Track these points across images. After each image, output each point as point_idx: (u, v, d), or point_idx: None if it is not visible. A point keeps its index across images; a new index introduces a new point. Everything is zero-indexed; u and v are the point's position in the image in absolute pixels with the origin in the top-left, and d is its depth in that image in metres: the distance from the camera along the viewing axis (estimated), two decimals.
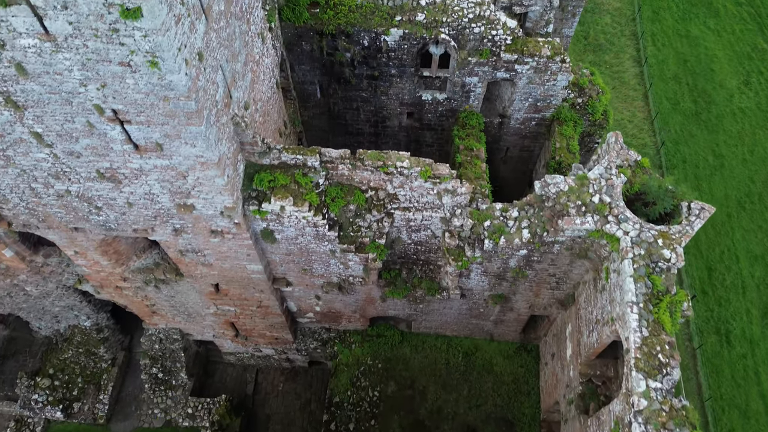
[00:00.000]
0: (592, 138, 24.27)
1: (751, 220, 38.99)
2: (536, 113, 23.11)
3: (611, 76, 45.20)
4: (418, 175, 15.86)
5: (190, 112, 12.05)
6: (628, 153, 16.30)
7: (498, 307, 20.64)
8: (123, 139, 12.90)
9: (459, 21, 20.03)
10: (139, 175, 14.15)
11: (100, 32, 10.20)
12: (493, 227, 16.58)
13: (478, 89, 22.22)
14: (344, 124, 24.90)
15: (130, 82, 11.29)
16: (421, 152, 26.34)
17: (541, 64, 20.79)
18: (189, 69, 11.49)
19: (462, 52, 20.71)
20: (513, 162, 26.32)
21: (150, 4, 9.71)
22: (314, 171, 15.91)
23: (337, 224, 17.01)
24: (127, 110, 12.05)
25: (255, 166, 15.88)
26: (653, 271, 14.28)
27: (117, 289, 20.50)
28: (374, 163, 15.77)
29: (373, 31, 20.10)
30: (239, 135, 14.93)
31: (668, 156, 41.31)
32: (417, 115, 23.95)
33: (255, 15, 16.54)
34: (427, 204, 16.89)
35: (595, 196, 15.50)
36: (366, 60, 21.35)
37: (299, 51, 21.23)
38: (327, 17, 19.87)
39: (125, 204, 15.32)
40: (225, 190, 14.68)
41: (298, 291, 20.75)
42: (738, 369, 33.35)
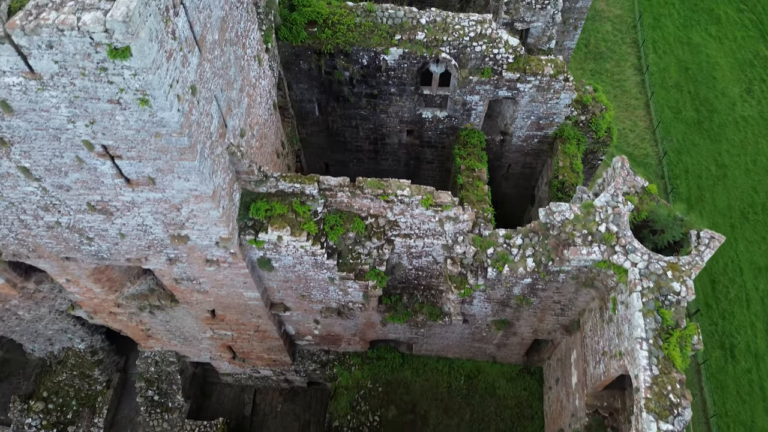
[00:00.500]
0: (595, 155, 23.84)
1: (755, 231, 38.58)
2: (538, 131, 22.68)
3: (612, 84, 44.81)
4: (419, 203, 15.41)
5: (183, 147, 11.60)
6: (635, 179, 15.86)
7: (501, 332, 20.21)
8: (114, 174, 12.46)
9: (460, 40, 19.59)
10: (131, 207, 13.70)
11: (88, 71, 9.75)
12: (497, 255, 16.13)
13: (479, 107, 21.78)
14: (343, 141, 24.46)
15: (120, 119, 10.84)
16: (421, 169, 25.92)
17: (544, 83, 20.36)
18: (181, 104, 11.03)
19: (463, 70, 20.27)
20: (515, 178, 25.89)
21: (139, 43, 9.27)
22: (312, 199, 15.46)
23: (336, 252, 16.56)
24: (118, 146, 11.60)
25: (251, 194, 15.42)
26: (662, 305, 13.84)
27: (111, 315, 20.03)
28: (374, 191, 15.32)
29: (373, 50, 19.65)
30: (235, 164, 14.48)
31: (671, 166, 40.90)
32: (417, 132, 23.51)
33: (251, 38, 16.10)
34: (428, 231, 16.45)
35: (601, 225, 15.05)
36: (365, 79, 20.91)
37: (297, 70, 20.78)
38: (325, 36, 19.42)
39: (117, 235, 14.86)
40: (220, 222, 14.23)
41: (296, 315, 20.29)
42: (743, 384, 32.92)
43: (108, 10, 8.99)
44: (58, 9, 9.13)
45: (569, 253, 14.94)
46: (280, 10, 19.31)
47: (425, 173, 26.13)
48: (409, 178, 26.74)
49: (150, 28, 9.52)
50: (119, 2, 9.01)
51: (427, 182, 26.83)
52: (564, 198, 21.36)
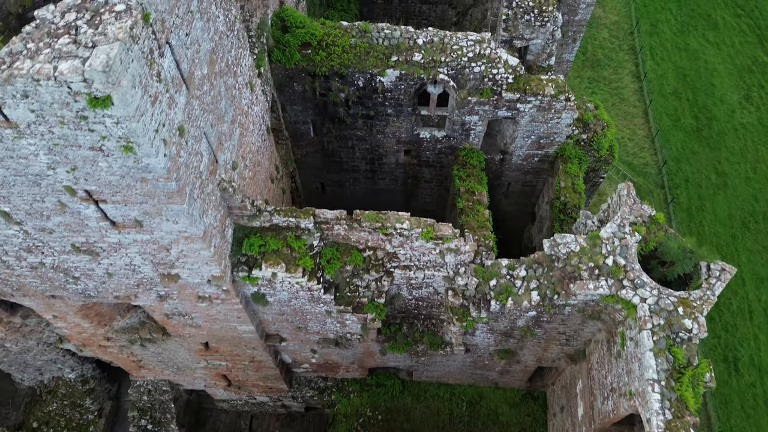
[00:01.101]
0: (597, 173, 23.32)
1: (756, 241, 38.15)
2: (539, 150, 22.15)
3: (610, 92, 44.36)
4: (419, 236, 14.84)
5: (171, 192, 11.00)
6: (642, 207, 15.32)
7: (504, 361, 19.65)
8: (98, 217, 11.84)
9: (458, 60, 19.03)
10: (117, 248, 13.08)
11: (67, 119, 9.15)
12: (500, 287, 15.57)
13: (478, 127, 21.23)
14: (339, 162, 23.87)
15: (103, 165, 10.23)
16: (419, 188, 25.36)
17: (545, 103, 19.83)
18: (168, 149, 10.43)
19: (462, 91, 19.72)
20: (515, 196, 25.35)
21: (121, 91, 8.66)
22: (308, 233, 14.87)
23: (333, 286, 15.97)
24: (101, 191, 10.99)
25: (244, 229, 14.82)
26: (674, 343, 13.31)
27: (101, 348, 19.38)
28: (372, 224, 14.75)
29: (368, 72, 19.08)
30: (227, 200, 13.88)
31: (670, 175, 40.46)
32: (415, 152, 22.95)
33: (242, 65, 15.50)
34: (428, 262, 15.88)
35: (608, 257, 14.51)
36: (361, 100, 20.33)
37: (291, 92, 20.19)
38: (319, 59, 18.83)
39: (105, 274, 14.23)
40: (212, 261, 13.62)
41: (292, 346, 19.69)
42: (747, 398, 32.47)
43: (86, 58, 8.39)
44: (33, 57, 8.53)
45: (576, 287, 14.39)
46: (273, 32, 18.72)
47: (423, 192, 25.57)
48: (406, 197, 26.29)
49: (133, 75, 8.93)
50: (99, 49, 8.42)
51: (425, 201, 26.31)
52: (566, 219, 20.84)
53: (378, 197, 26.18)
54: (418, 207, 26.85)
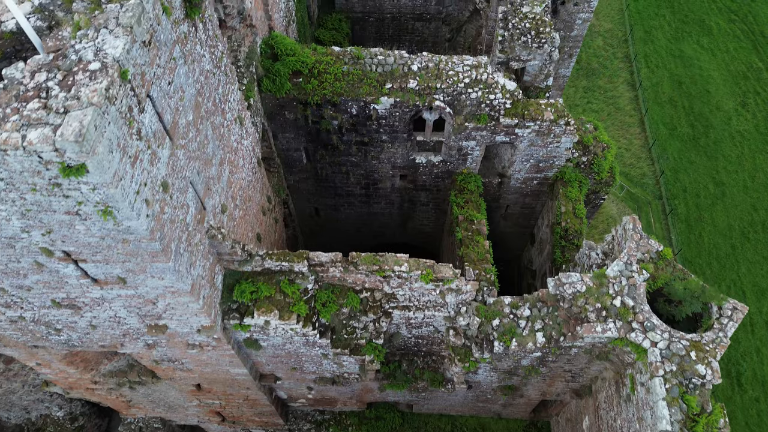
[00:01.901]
0: (598, 195, 22.77)
1: (756, 251, 37.73)
2: (538, 173, 21.58)
3: (605, 102, 43.91)
4: (419, 278, 14.21)
5: (155, 251, 10.33)
6: (648, 242, 14.75)
7: (507, 396, 19.04)
8: (78, 275, 11.15)
9: (454, 87, 18.44)
10: (101, 302, 12.39)
11: (39, 186, 8.47)
12: (503, 327, 14.96)
13: (476, 152, 20.65)
14: (333, 187, 23.22)
15: (81, 228, 9.56)
16: (415, 211, 24.75)
17: (544, 128, 19.27)
18: (151, 208, 9.76)
19: (458, 117, 19.13)
20: (513, 218, 24.77)
21: (97, 159, 8.00)
22: (302, 277, 14.21)
23: (329, 329, 15.31)
24: (80, 251, 10.31)
25: (235, 274, 14.15)
26: (687, 390, 12.73)
27: (88, 390, 18.65)
28: (369, 267, 14.10)
29: (362, 100, 18.45)
30: (216, 247, 13.20)
31: (668, 185, 40.01)
32: (411, 177, 22.34)
33: (231, 101, 14.84)
34: (428, 302, 15.25)
35: (616, 298, 13.93)
36: (355, 127, 19.71)
37: (282, 120, 19.54)
38: (311, 87, 18.19)
39: (88, 326, 13.53)
40: (201, 312, 12.95)
41: (288, 384, 19.02)
42: (752, 414, 32.00)
43: (58, 125, 7.72)
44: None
45: (582, 330, 13.80)
46: (262, 60, 18.06)
47: (420, 215, 24.97)
48: (403, 220, 25.67)
49: (109, 139, 8.26)
50: (71, 116, 7.76)
51: (422, 223, 25.70)
52: (568, 246, 20.27)
53: (374, 220, 25.58)
54: (415, 229, 26.28)
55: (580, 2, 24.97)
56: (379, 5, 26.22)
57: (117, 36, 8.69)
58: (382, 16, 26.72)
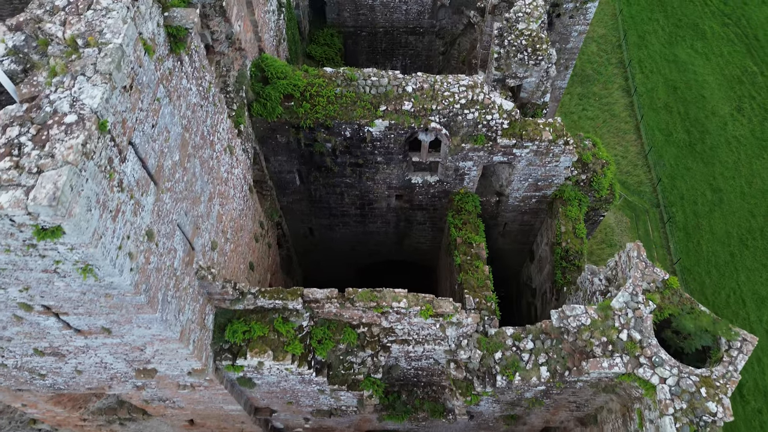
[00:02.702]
0: (597, 212, 22.34)
1: (755, 259, 37.44)
2: (537, 192, 21.14)
3: (601, 108, 43.56)
4: (418, 313, 13.71)
5: (140, 304, 9.79)
6: (654, 271, 14.31)
7: (509, 426, 18.58)
8: (60, 326, 10.60)
9: (450, 108, 17.98)
10: (86, 350, 11.85)
11: (13, 247, 7.93)
12: (506, 360, 14.48)
13: (473, 172, 20.19)
14: (327, 207, 22.71)
15: (60, 285, 9.01)
16: (412, 230, 24.26)
17: (542, 148, 18.83)
18: (135, 261, 9.22)
19: (455, 138, 18.66)
20: (512, 235, 24.32)
21: (74, 221, 7.46)
22: (296, 314, 13.69)
23: (326, 365, 14.79)
24: (61, 305, 9.76)
25: (227, 312, 13.61)
26: (698, 429, 12.30)
27: (77, 427, 18.05)
28: (366, 304, 13.59)
29: (356, 123, 17.96)
30: (206, 287, 12.67)
31: (665, 193, 39.69)
32: (407, 196, 21.85)
33: (220, 131, 14.31)
34: (428, 336, 14.76)
35: (622, 331, 13.47)
36: (349, 149, 19.21)
37: (274, 143, 19.02)
38: (303, 111, 17.67)
39: (74, 371, 12.97)
40: (191, 357, 12.41)
41: (284, 416, 18.48)
42: (754, 426, 31.66)
43: (31, 187, 7.19)
44: None
45: (588, 365, 13.34)
46: (252, 84, 17.53)
47: (417, 233, 24.49)
48: (399, 238, 25.17)
49: (87, 197, 7.73)
50: (45, 177, 7.22)
51: (418, 241, 25.21)
52: (569, 267, 19.82)
53: (369, 238, 25.09)
54: (412, 246, 25.80)
55: (575, 15, 24.54)
56: (371, 19, 25.73)
57: (95, 84, 8.16)
58: (375, 30, 26.24)
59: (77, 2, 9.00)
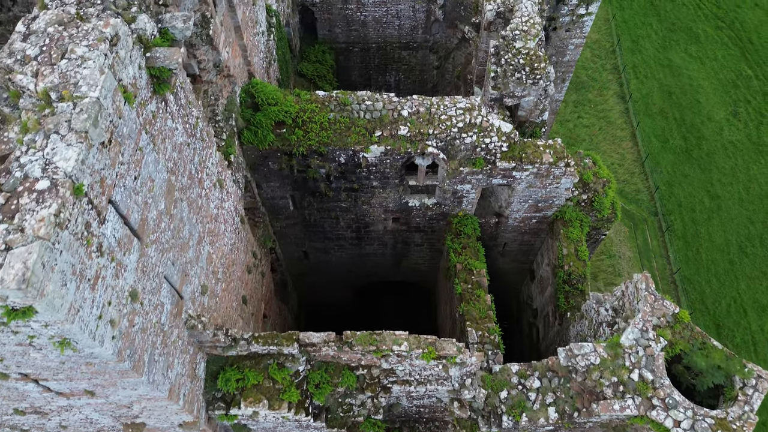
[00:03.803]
0: (599, 231, 21.81)
1: (755, 267, 37.09)
2: (537, 212, 20.59)
3: (596, 116, 43.13)
4: (420, 356, 13.10)
5: (124, 370, 9.13)
6: (664, 304, 13.77)
7: None
8: (40, 390, 9.92)
9: (447, 132, 17.40)
10: (69, 408, 11.16)
11: None
12: (512, 400, 13.91)
13: (471, 195, 19.62)
14: (322, 231, 22.08)
15: (37, 356, 8.35)
16: (410, 252, 23.67)
17: (543, 170, 18.28)
18: (117, 328, 8.57)
19: (452, 162, 18.07)
20: (512, 254, 23.76)
21: (46, 300, 6.80)
22: (292, 359, 13.06)
23: (324, 409, 14.15)
24: (39, 373, 9.09)
25: (219, 359, 12.96)
26: None
27: None
28: (365, 347, 12.97)
29: (351, 149, 17.34)
30: (197, 336, 12.01)
31: (663, 201, 39.29)
32: (404, 219, 21.25)
33: (209, 165, 13.66)
34: (431, 376, 14.15)
35: (633, 371, 12.92)
36: (344, 174, 18.59)
37: (266, 170, 18.37)
38: (296, 138, 17.04)
39: (58, 426, 12.27)
40: (182, 411, 11.75)
41: None
42: None
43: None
44: None
45: (599, 408, 12.78)
46: (242, 110, 16.88)
47: (414, 255, 23.89)
48: (396, 260, 24.57)
49: (62, 271, 7.07)
50: (13, 255, 6.56)
51: (416, 262, 24.63)
52: (572, 291, 19.28)
53: (366, 260, 24.47)
54: (410, 268, 25.20)
55: (572, 28, 24.06)
56: (363, 35, 25.13)
57: (69, 144, 7.51)
58: (368, 46, 25.64)
59: (50, 51, 8.35)
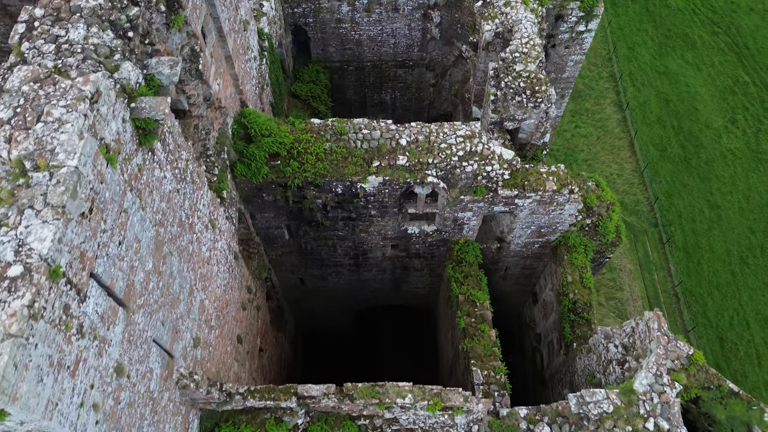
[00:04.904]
0: (603, 254, 21.26)
1: (756, 277, 36.67)
2: (540, 238, 20.05)
3: (594, 125, 42.64)
4: (425, 408, 12.50)
5: None
6: (677, 346, 13.22)
7: None
8: None
9: (447, 161, 16.82)
10: None
11: None
12: None
13: (472, 222, 19.06)
14: (319, 259, 21.46)
15: None
16: (409, 276, 23.08)
17: (546, 197, 17.72)
18: (101, 412, 7.93)
19: (453, 190, 17.50)
20: (514, 278, 23.21)
21: (21, 402, 6.17)
22: (290, 413, 12.43)
23: None
24: None
25: (214, 415, 12.33)
26: None
27: None
28: (367, 400, 12.35)
29: (348, 180, 16.73)
30: (190, 394, 11.37)
31: (663, 211, 38.82)
32: (403, 246, 20.66)
33: (200, 207, 13.03)
34: (435, 424, 13.55)
35: (648, 420, 12.36)
36: (341, 204, 17.99)
37: (260, 202, 17.74)
38: (291, 170, 16.41)
39: None
40: None
41: None
42: None
43: None
44: None
45: None
46: (235, 142, 16.25)
47: (414, 279, 23.31)
48: (395, 284, 23.97)
49: (38, 365, 6.44)
50: None
51: (416, 287, 24.06)
52: (577, 320, 18.73)
53: (364, 286, 23.88)
54: (409, 292, 24.63)
55: (571, 45, 23.52)
56: (358, 54, 24.53)
57: (45, 221, 6.87)
58: (362, 64, 25.04)
59: (25, 113, 7.71)
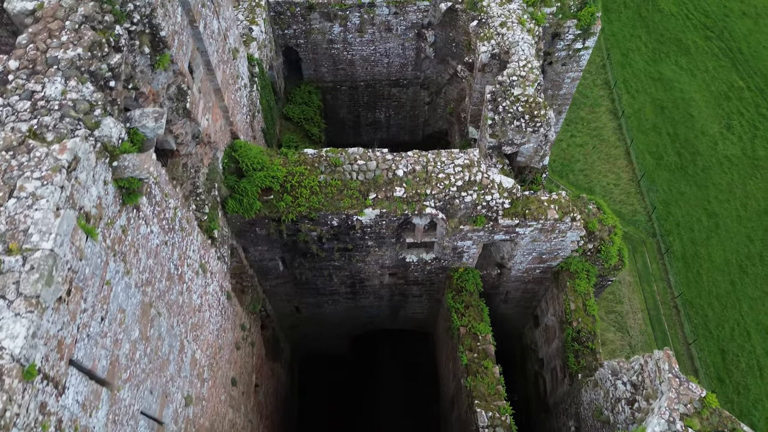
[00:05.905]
0: (605, 278, 20.80)
1: (756, 287, 36.34)
2: (541, 263, 19.58)
3: (590, 134, 42.27)
4: None
5: None
6: (689, 388, 12.73)
7: None
8: None
9: (446, 191, 16.30)
10: None
11: None
12: None
13: (472, 250, 18.57)
14: (315, 288, 20.90)
15: None
16: (407, 303, 22.57)
17: (548, 226, 17.24)
18: None
19: (452, 221, 16.99)
20: (514, 301, 22.74)
21: None
22: None
23: None
24: None
25: None
26: None
27: None
28: None
29: (343, 213, 16.18)
30: None
31: (661, 221, 38.44)
32: (401, 274, 20.15)
33: (190, 253, 12.44)
34: None
35: None
36: (336, 236, 17.44)
37: (253, 236, 17.16)
38: (284, 204, 15.84)
39: None
40: None
41: None
42: None
43: None
44: None
45: None
46: (226, 177, 15.67)
47: (412, 305, 22.79)
48: (394, 311, 23.44)
49: None
50: None
51: (414, 312, 23.57)
52: (582, 350, 18.26)
53: (361, 313, 23.34)
54: (407, 317, 24.12)
55: (568, 62, 23.11)
56: (351, 74, 23.98)
57: (18, 313, 6.29)
58: (356, 84, 24.50)
59: None
